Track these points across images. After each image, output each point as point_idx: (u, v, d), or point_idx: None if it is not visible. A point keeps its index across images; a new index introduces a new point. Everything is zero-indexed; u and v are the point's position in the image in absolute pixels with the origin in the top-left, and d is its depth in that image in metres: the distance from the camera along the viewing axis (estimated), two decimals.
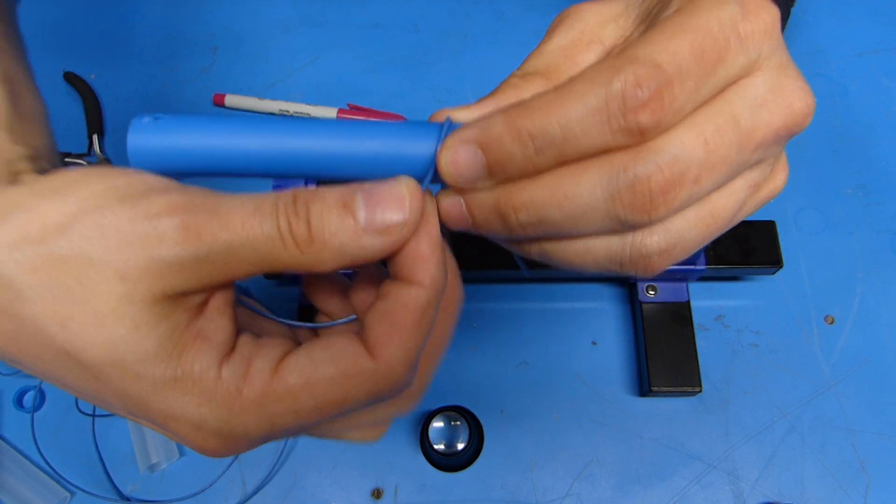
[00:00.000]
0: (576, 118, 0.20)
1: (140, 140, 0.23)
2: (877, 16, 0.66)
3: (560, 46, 0.26)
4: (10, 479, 0.49)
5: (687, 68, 0.20)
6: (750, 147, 0.22)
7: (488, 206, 0.23)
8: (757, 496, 0.48)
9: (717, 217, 0.23)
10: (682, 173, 0.21)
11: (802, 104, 0.22)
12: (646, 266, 0.23)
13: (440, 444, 0.46)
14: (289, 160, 0.23)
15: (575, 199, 0.21)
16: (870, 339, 0.53)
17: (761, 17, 0.22)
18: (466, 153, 0.22)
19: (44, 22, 0.68)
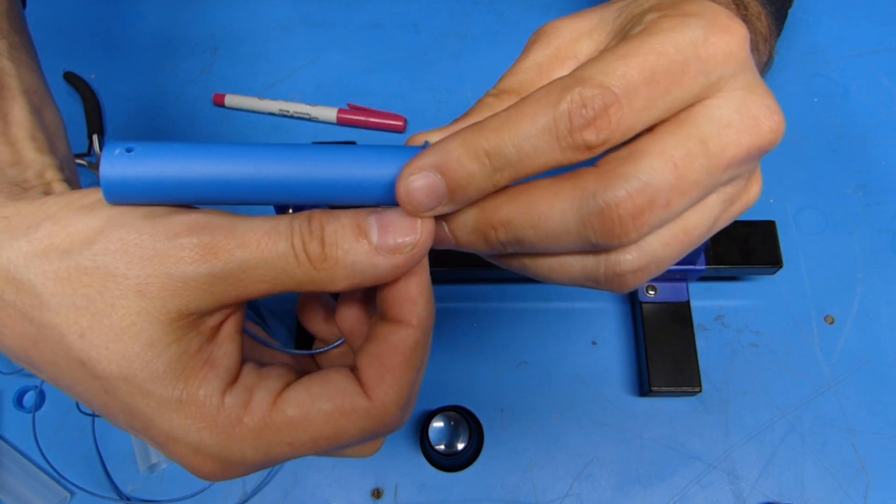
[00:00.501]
0: (526, 137, 0.21)
1: (112, 172, 0.23)
2: (877, 16, 0.66)
3: (535, 63, 0.26)
4: (10, 479, 0.49)
5: (635, 88, 0.21)
6: (720, 168, 0.22)
7: (469, 226, 0.24)
8: (757, 496, 0.48)
9: (691, 233, 0.23)
10: (652, 199, 0.21)
11: (770, 123, 0.23)
12: (620, 284, 0.24)
13: (440, 444, 0.46)
14: (263, 188, 0.23)
15: (548, 221, 0.22)
16: (870, 339, 0.53)
17: (725, 39, 0.22)
18: (423, 181, 0.22)
19: (44, 22, 0.68)
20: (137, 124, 0.63)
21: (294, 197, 0.24)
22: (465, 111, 0.69)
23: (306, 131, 0.62)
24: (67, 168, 0.30)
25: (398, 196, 0.23)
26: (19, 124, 0.31)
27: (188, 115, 0.63)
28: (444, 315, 0.54)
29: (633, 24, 0.24)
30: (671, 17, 0.22)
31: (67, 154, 0.33)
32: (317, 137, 0.61)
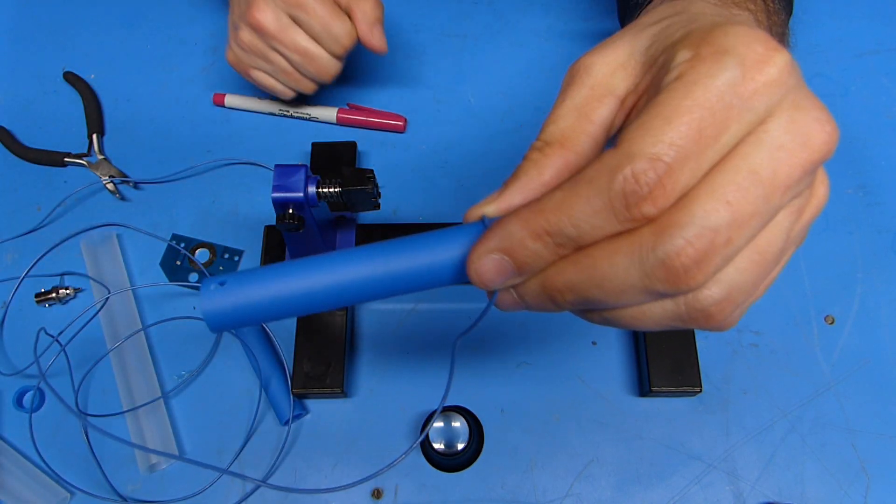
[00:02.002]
0: (584, 217, 0.22)
1: (211, 306, 0.25)
2: (877, 16, 0.66)
3: (574, 106, 0.26)
4: (10, 480, 0.49)
5: (686, 151, 0.21)
6: (778, 192, 0.22)
7: (536, 293, 0.25)
8: (757, 496, 0.48)
9: (766, 254, 0.23)
10: (712, 241, 0.21)
11: (822, 135, 0.22)
12: (709, 320, 0.24)
13: (440, 444, 0.46)
14: (343, 295, 0.25)
15: (612, 280, 0.22)
16: (870, 339, 0.53)
17: (764, 71, 0.22)
18: (492, 262, 0.24)
19: (44, 22, 0.68)
20: (137, 124, 0.63)
21: (374, 296, 0.25)
22: (464, 111, 0.69)
23: (306, 131, 0.62)
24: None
25: (470, 278, 0.24)
26: None
27: (188, 115, 0.63)
28: (445, 315, 0.54)
29: (665, 61, 0.24)
30: (705, 61, 0.22)
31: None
32: (317, 137, 0.61)
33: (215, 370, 0.53)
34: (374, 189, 0.46)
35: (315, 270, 0.25)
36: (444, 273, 0.25)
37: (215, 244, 0.57)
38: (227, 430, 0.51)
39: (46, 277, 0.56)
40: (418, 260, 0.25)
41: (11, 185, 0.61)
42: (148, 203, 0.59)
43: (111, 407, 0.52)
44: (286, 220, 0.44)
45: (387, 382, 0.52)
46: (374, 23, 0.53)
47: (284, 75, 0.54)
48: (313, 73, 0.54)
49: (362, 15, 0.53)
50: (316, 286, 0.25)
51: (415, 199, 0.59)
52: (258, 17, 0.50)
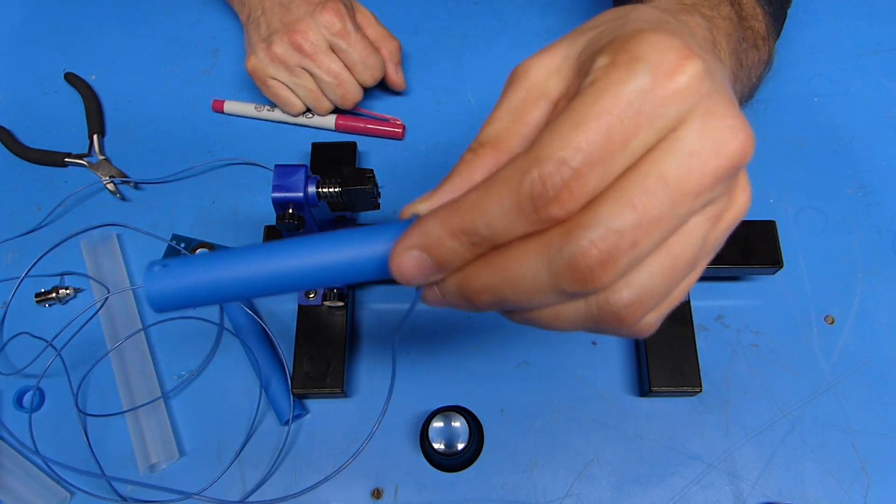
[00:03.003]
0: (496, 217, 0.23)
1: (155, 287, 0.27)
2: (877, 16, 0.66)
3: (510, 108, 0.27)
4: (10, 480, 0.49)
5: (593, 156, 0.22)
6: (688, 198, 0.22)
7: (455, 292, 0.25)
8: (757, 496, 0.48)
9: (678, 259, 0.24)
10: (616, 243, 0.22)
11: (735, 142, 0.23)
12: (619, 321, 0.24)
13: (440, 444, 0.46)
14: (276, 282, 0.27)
15: (523, 281, 0.23)
16: (870, 339, 0.53)
17: (674, 79, 0.22)
18: (412, 259, 0.25)
19: (44, 22, 0.68)
20: (138, 125, 0.63)
21: (304, 285, 0.27)
22: (464, 112, 0.69)
23: (306, 131, 0.62)
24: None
25: (392, 274, 0.25)
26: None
27: (189, 116, 0.63)
28: (445, 315, 0.54)
29: (590, 64, 0.24)
30: (618, 68, 0.22)
31: None
32: (317, 137, 0.61)
33: (215, 370, 0.53)
34: (374, 189, 0.46)
35: (251, 259, 0.27)
36: (371, 267, 0.26)
37: (215, 244, 0.57)
38: (227, 430, 0.51)
39: (46, 277, 0.56)
40: (347, 253, 0.26)
41: (11, 185, 0.61)
42: (148, 203, 0.59)
43: (111, 407, 0.52)
44: (286, 220, 0.45)
45: (387, 382, 0.52)
46: (398, 62, 0.60)
47: (307, 92, 0.58)
48: (338, 97, 0.58)
49: (389, 54, 0.60)
50: (249, 273, 0.26)
51: (415, 199, 0.59)
52: (300, 38, 0.55)
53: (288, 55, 0.56)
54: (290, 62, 0.56)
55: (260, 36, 0.58)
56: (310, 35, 0.55)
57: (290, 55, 0.56)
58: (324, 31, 0.55)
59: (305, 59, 0.56)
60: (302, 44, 0.55)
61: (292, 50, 0.55)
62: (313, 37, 0.55)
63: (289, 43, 0.55)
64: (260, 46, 0.57)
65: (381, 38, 0.60)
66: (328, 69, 0.56)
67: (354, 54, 0.56)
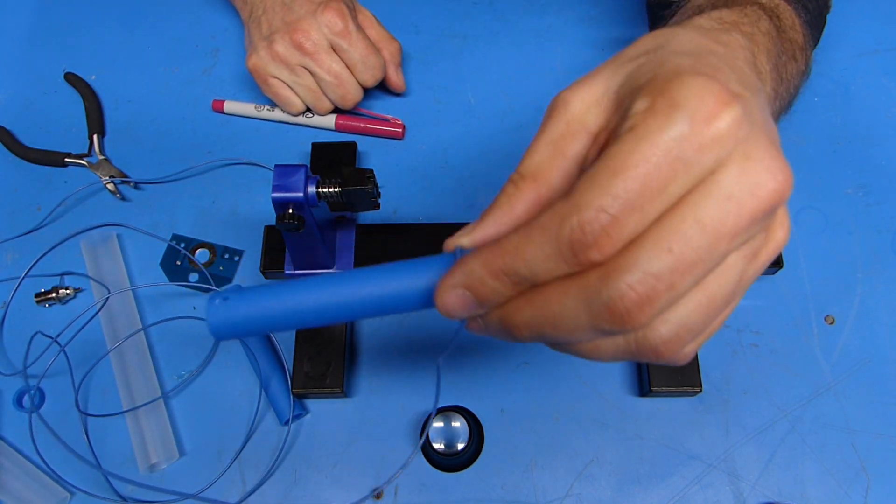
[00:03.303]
0: (536, 261, 0.24)
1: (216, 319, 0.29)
2: (877, 16, 0.66)
3: (550, 141, 0.27)
4: (10, 480, 0.49)
5: (632, 203, 0.22)
6: (724, 241, 0.23)
7: (496, 326, 0.27)
8: (757, 496, 0.48)
9: (715, 297, 0.24)
10: (653, 286, 0.22)
11: (773, 183, 0.23)
12: (657, 356, 0.25)
13: (440, 444, 0.46)
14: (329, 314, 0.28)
15: (562, 319, 0.24)
16: (870, 339, 0.53)
17: (713, 126, 0.22)
18: (455, 296, 0.26)
19: (44, 22, 0.68)
20: (138, 125, 0.63)
21: (354, 316, 0.29)
22: (464, 112, 0.69)
23: (306, 131, 0.62)
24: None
25: (438, 308, 0.27)
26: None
27: (189, 116, 0.63)
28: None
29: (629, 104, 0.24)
30: (657, 114, 0.23)
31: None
32: (317, 137, 0.61)
33: (215, 370, 0.53)
34: (374, 189, 0.46)
35: (305, 292, 0.29)
36: (417, 300, 0.28)
37: (215, 244, 0.57)
38: (227, 430, 0.51)
39: (46, 277, 0.56)
40: (396, 286, 0.28)
41: (11, 185, 0.61)
42: (148, 203, 0.59)
43: (111, 407, 0.52)
44: (286, 220, 0.45)
45: (387, 382, 0.52)
46: (398, 64, 0.61)
47: (307, 91, 0.58)
48: (338, 97, 0.58)
49: (390, 56, 0.60)
50: (306, 305, 0.28)
51: (415, 199, 0.59)
52: (301, 37, 0.55)
53: (289, 54, 0.56)
54: (291, 61, 0.56)
55: (261, 34, 0.58)
56: (311, 34, 0.55)
57: (292, 54, 0.56)
58: (325, 31, 0.55)
59: (306, 59, 0.56)
60: (303, 43, 0.55)
61: (293, 49, 0.56)
62: (315, 36, 0.55)
63: (290, 42, 0.55)
64: (261, 45, 0.57)
65: (382, 40, 0.60)
66: (329, 69, 0.56)
67: (355, 54, 0.56)
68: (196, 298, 0.56)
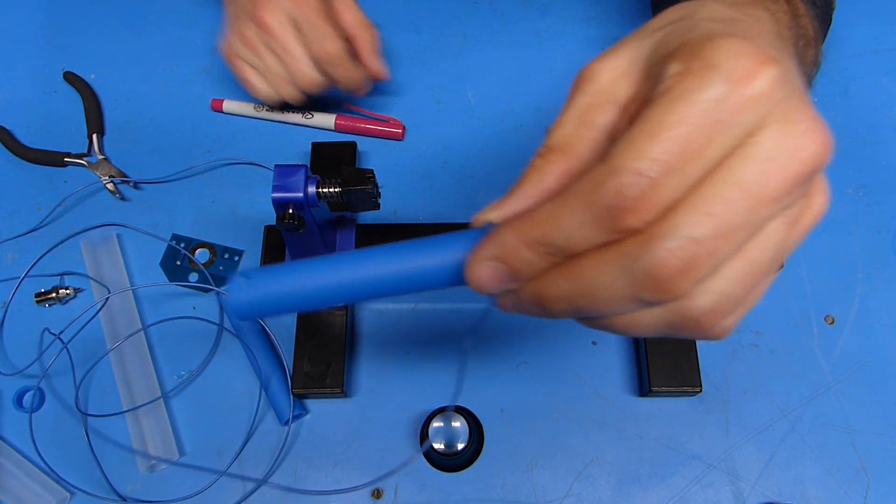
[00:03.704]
0: (572, 228, 0.23)
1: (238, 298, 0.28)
2: (877, 16, 0.66)
3: (577, 113, 0.27)
4: (10, 480, 0.49)
5: (670, 166, 0.21)
6: (765, 205, 0.22)
7: (530, 300, 0.26)
8: (757, 496, 0.48)
9: (756, 264, 0.24)
10: (695, 251, 0.22)
11: (813, 146, 0.22)
12: (698, 326, 0.24)
13: (440, 444, 0.46)
14: (354, 290, 0.27)
15: (601, 289, 0.23)
16: (870, 339, 0.53)
17: (751, 86, 0.22)
18: (488, 269, 0.25)
19: (44, 22, 0.68)
20: (137, 124, 0.63)
21: (382, 293, 0.27)
22: (464, 111, 0.69)
23: (306, 131, 0.62)
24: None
25: (468, 282, 0.26)
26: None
27: (189, 115, 0.63)
28: (445, 315, 0.54)
29: (661, 70, 0.24)
30: (692, 75, 0.22)
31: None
32: (316, 137, 0.61)
33: (215, 370, 0.53)
34: (374, 189, 0.46)
35: (328, 268, 0.27)
36: (445, 275, 0.27)
37: (215, 244, 0.57)
38: (227, 430, 0.51)
39: (46, 277, 0.56)
40: (423, 261, 0.27)
41: (11, 185, 0.61)
42: (148, 203, 0.59)
43: (111, 407, 0.52)
44: (286, 220, 0.44)
45: (387, 382, 0.52)
46: (374, 50, 0.57)
47: (271, 76, 0.56)
48: (297, 79, 0.55)
49: (365, 42, 0.56)
50: (329, 283, 0.27)
51: (415, 199, 0.59)
52: (265, 16, 0.53)
53: (252, 34, 0.54)
54: (255, 43, 0.54)
55: (234, 16, 0.56)
56: (275, 11, 0.53)
57: (255, 33, 0.54)
58: (288, 8, 0.53)
59: (267, 37, 0.54)
60: (267, 22, 0.53)
61: (256, 27, 0.54)
62: (277, 14, 0.53)
63: (254, 21, 0.53)
64: (232, 29, 0.56)
65: (358, 25, 0.56)
66: (284, 46, 0.54)
67: (312, 34, 0.53)
68: (196, 298, 0.56)
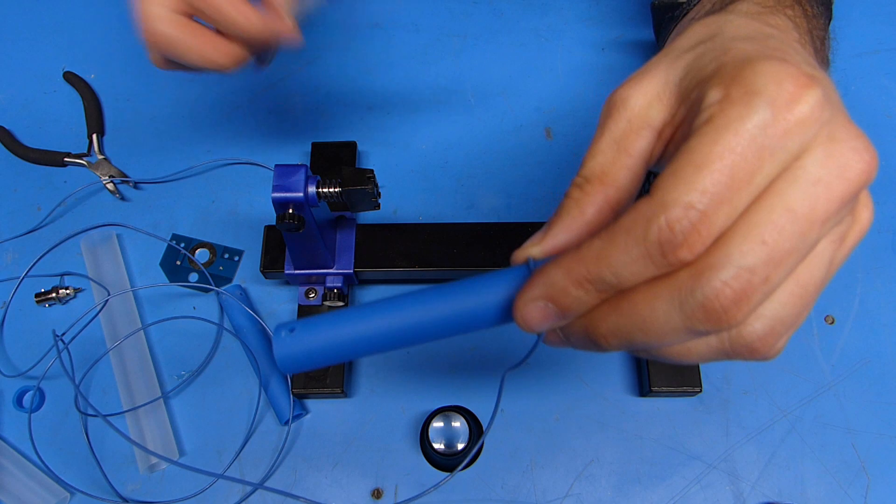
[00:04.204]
0: (623, 265, 0.23)
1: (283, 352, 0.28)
2: (877, 16, 0.66)
3: (612, 140, 0.26)
4: (10, 480, 0.49)
5: (720, 197, 0.21)
6: (815, 227, 0.22)
7: (580, 336, 0.26)
8: (757, 496, 0.48)
9: (807, 286, 0.24)
10: (749, 280, 0.21)
11: (860, 164, 0.23)
12: (753, 353, 0.24)
13: (440, 444, 0.46)
14: (400, 337, 0.27)
15: (653, 323, 0.23)
16: (870, 339, 0.53)
17: (795, 111, 0.22)
18: (537, 309, 0.25)
19: (44, 22, 0.68)
20: (137, 124, 0.63)
21: (428, 338, 0.27)
22: (466, 112, 0.69)
23: (305, 135, 0.62)
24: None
25: (518, 324, 0.25)
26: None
27: (188, 115, 0.63)
28: None
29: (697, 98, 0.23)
30: (735, 103, 0.22)
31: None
32: (316, 137, 0.61)
33: (215, 370, 0.53)
34: (374, 189, 0.46)
35: (374, 317, 0.27)
36: (492, 317, 0.27)
37: (215, 244, 0.57)
38: (227, 430, 0.51)
39: (46, 277, 0.56)
40: (469, 304, 0.27)
41: (11, 185, 0.61)
42: (148, 203, 0.59)
43: (111, 407, 0.52)
44: (286, 220, 0.44)
45: (387, 382, 0.52)
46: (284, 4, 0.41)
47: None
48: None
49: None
50: (375, 332, 0.27)
51: (415, 199, 0.59)
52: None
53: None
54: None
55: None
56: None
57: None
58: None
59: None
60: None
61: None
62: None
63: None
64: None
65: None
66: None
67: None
68: (196, 298, 0.56)
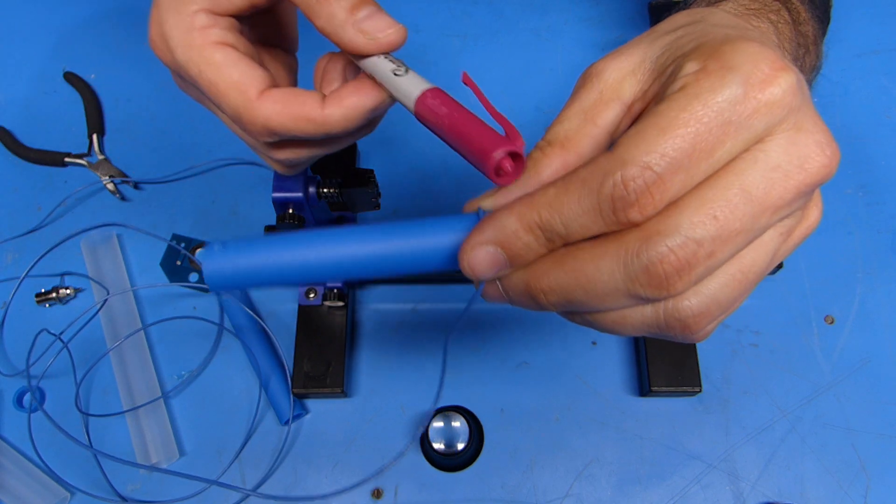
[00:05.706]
0: (574, 215, 0.23)
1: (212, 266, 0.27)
2: (876, 16, 0.66)
3: (581, 109, 0.27)
4: (10, 480, 0.49)
5: (678, 163, 0.21)
6: (767, 212, 0.22)
7: (520, 289, 0.25)
8: (757, 496, 0.48)
9: (749, 272, 0.24)
10: (694, 252, 0.22)
11: (821, 158, 0.22)
12: (684, 329, 0.24)
13: (440, 444, 0.46)
14: (337, 267, 0.26)
15: (596, 282, 0.23)
16: (870, 339, 0.53)
17: (767, 91, 0.22)
18: (484, 254, 0.24)
19: (44, 22, 0.68)
20: (138, 124, 0.63)
21: (365, 274, 0.26)
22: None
23: None
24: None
25: (462, 268, 0.25)
26: None
27: (189, 115, 0.63)
28: (445, 315, 0.54)
29: (673, 71, 0.24)
30: (710, 75, 0.22)
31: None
32: None
33: (215, 370, 0.53)
34: (375, 189, 0.46)
35: (313, 243, 0.26)
36: (436, 259, 0.26)
37: None
38: (227, 430, 0.51)
39: (46, 277, 0.56)
40: (413, 244, 0.26)
41: (11, 185, 0.61)
42: (148, 203, 0.59)
43: (111, 407, 0.52)
44: (286, 220, 0.45)
45: (387, 382, 0.52)
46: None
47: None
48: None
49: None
50: (311, 258, 0.26)
51: (415, 199, 0.59)
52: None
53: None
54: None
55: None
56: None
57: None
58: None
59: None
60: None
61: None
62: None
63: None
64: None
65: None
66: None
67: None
68: (196, 298, 0.56)
